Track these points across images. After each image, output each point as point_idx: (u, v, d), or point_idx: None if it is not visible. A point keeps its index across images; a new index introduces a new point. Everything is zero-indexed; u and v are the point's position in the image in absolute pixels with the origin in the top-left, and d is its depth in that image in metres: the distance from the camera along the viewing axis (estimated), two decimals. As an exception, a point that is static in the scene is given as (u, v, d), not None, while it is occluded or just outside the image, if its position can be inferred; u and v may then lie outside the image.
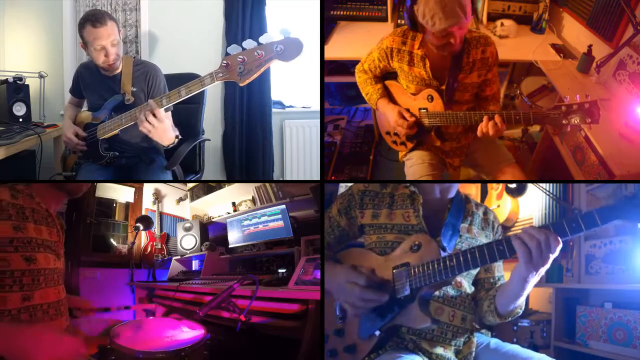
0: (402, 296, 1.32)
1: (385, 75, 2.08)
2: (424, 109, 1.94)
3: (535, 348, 2.48)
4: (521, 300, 1.31)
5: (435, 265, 1.28)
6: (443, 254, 1.31)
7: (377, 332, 1.33)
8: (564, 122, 1.56)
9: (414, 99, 1.96)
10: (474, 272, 1.46)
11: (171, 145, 2.12)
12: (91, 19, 2.07)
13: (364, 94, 2.13)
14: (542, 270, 1.17)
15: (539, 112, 1.61)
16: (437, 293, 1.37)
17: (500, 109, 1.95)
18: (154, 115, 1.89)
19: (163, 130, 1.94)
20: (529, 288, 1.24)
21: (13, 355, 1.02)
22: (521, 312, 1.38)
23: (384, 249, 1.43)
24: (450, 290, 1.40)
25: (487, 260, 1.22)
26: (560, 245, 1.13)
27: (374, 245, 1.46)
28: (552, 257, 1.14)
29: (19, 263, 1.16)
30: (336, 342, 1.41)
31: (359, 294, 1.32)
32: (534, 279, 1.20)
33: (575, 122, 1.54)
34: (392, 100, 2.05)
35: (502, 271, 1.49)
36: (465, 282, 1.43)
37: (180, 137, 2.13)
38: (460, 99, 1.91)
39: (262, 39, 1.70)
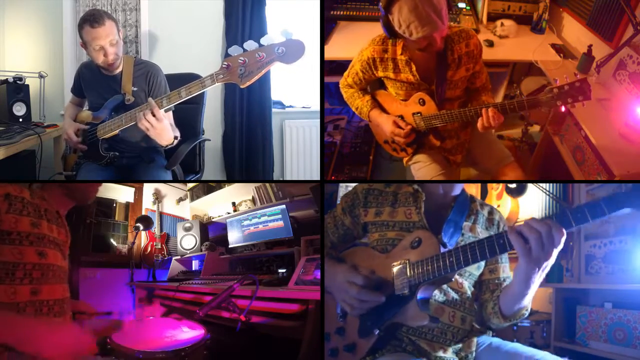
0: (402, 293, 1.31)
1: (373, 85, 2.05)
2: (417, 113, 1.92)
3: (535, 348, 2.48)
4: (527, 300, 1.26)
5: (434, 261, 1.26)
6: (443, 250, 1.28)
7: (377, 331, 1.32)
8: (558, 103, 1.56)
9: (406, 105, 1.94)
10: (477, 273, 1.44)
11: (170, 146, 2.13)
12: (89, 19, 2.08)
13: (353, 109, 2.10)
14: (547, 265, 1.11)
15: (533, 98, 1.61)
16: (437, 293, 1.36)
17: (492, 96, 1.94)
18: (153, 114, 1.90)
19: (161, 129, 1.95)
20: (534, 286, 1.18)
21: (22, 345, 1.04)
22: (527, 313, 1.33)
23: (385, 247, 1.43)
24: (451, 291, 1.39)
25: (486, 254, 1.18)
26: (564, 237, 1.05)
27: (376, 243, 1.46)
28: (556, 250, 1.07)
29: (32, 256, 1.23)
30: (337, 340, 1.41)
31: (356, 294, 1.32)
32: (538, 275, 1.14)
33: (569, 101, 1.54)
34: (382, 110, 2.03)
35: (509, 272, 1.46)
36: (467, 283, 1.42)
37: (179, 137, 2.14)
38: (452, 96, 1.90)
39: (264, 41, 1.69)
